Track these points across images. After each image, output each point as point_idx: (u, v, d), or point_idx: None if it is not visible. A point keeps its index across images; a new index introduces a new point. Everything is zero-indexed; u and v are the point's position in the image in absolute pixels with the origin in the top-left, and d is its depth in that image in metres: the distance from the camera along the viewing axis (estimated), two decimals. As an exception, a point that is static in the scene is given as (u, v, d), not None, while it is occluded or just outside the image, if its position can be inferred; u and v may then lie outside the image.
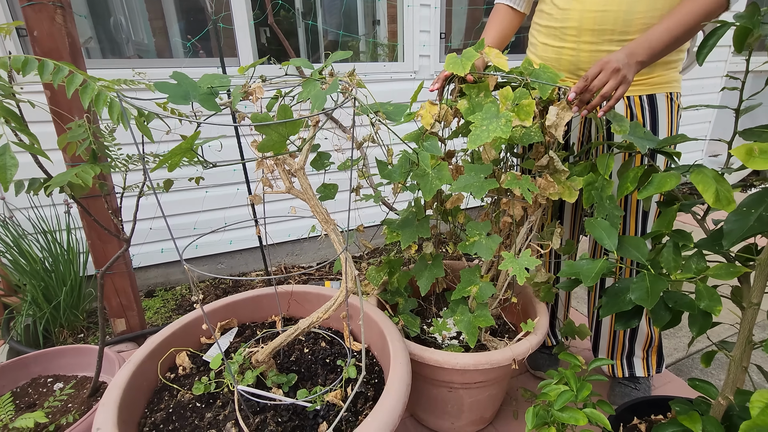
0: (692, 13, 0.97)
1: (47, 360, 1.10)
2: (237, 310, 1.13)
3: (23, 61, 0.59)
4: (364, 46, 2.55)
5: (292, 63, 0.82)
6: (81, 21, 1.90)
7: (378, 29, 2.94)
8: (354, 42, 2.61)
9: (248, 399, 0.87)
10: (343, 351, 1.07)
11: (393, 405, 0.77)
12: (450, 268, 1.41)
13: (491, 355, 1.01)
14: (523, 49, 2.64)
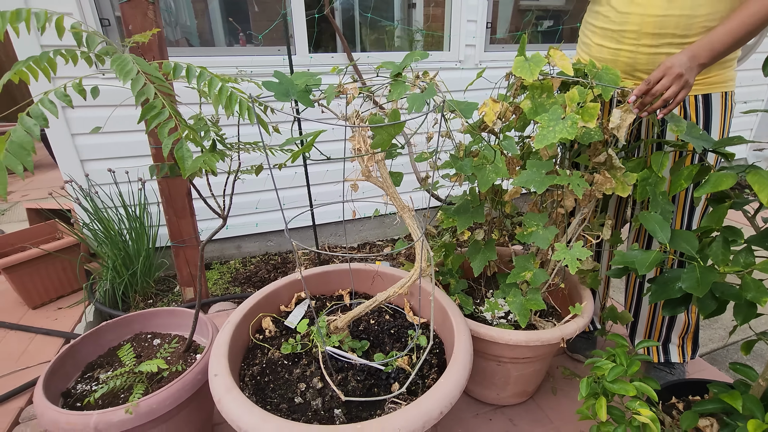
0: (755, 15, 1.00)
1: (146, 319, 1.27)
2: (309, 284, 1.27)
3: (173, 68, 0.71)
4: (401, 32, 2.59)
5: (384, 66, 0.91)
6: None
7: (414, 12, 2.98)
8: (391, 28, 2.66)
9: (331, 359, 1.01)
10: (404, 324, 1.19)
11: (461, 370, 0.89)
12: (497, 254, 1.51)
13: (542, 333, 1.11)
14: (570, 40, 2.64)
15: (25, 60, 0.70)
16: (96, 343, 1.19)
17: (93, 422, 0.90)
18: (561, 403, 1.38)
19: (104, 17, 1.86)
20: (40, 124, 0.63)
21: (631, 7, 1.13)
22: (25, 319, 1.85)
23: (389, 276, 1.28)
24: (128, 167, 2.06)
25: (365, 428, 0.75)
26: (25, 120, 0.63)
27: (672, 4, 1.07)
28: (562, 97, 1.04)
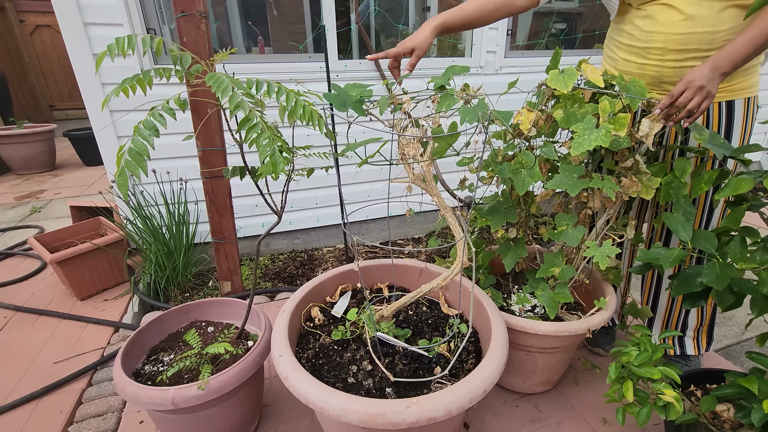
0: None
1: (203, 308, 1.39)
2: (351, 277, 1.37)
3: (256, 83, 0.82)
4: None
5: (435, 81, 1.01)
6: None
7: (428, 16, 3.08)
8: (407, 33, 2.77)
9: (379, 344, 1.11)
10: (439, 314, 1.29)
11: (500, 354, 0.99)
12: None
13: (570, 324, 1.20)
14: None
15: (132, 77, 0.81)
16: (158, 329, 1.31)
17: (170, 396, 1.01)
18: (583, 392, 1.47)
19: (150, 27, 1.98)
20: (153, 134, 0.74)
21: (656, 26, 1.20)
22: (75, 309, 1.98)
23: (425, 271, 1.38)
24: (169, 168, 2.18)
25: (420, 401, 0.85)
26: (141, 131, 0.74)
27: (694, 23, 1.14)
28: (591, 106, 1.13)
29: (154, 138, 0.77)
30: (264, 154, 0.72)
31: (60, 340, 1.77)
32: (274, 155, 0.72)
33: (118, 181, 0.73)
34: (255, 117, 0.74)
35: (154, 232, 2.01)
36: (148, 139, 0.74)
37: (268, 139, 0.72)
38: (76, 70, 1.91)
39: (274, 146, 0.72)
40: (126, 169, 0.73)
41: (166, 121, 0.77)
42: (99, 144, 2.05)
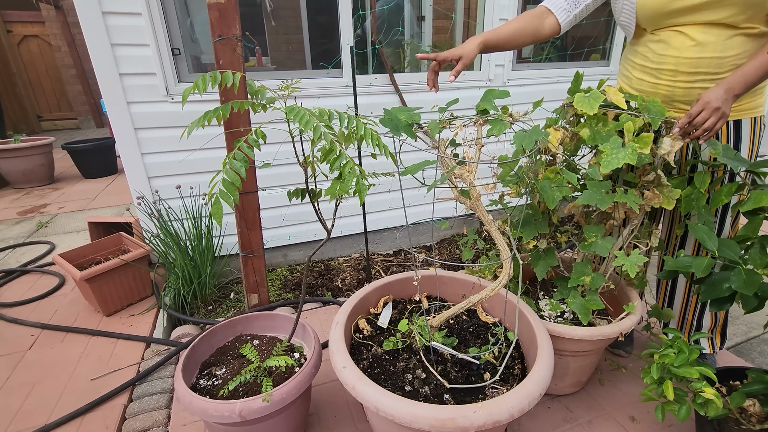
0: None
1: (248, 322, 1.44)
2: (391, 289, 1.44)
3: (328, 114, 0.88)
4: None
5: (480, 107, 1.09)
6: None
7: (423, 24, 3.18)
8: (412, 44, 2.86)
9: (427, 353, 1.17)
10: (479, 322, 1.36)
11: (549, 359, 1.07)
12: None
13: (603, 329, 1.29)
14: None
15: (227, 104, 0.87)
16: (208, 343, 1.36)
17: (238, 409, 1.06)
18: (609, 391, 1.56)
19: (175, 47, 2.03)
20: (243, 165, 0.80)
21: (668, 50, 1.29)
22: (103, 325, 2.00)
23: (460, 281, 1.45)
24: (192, 183, 2.22)
25: (485, 406, 0.92)
26: (233, 163, 0.80)
27: (704, 49, 1.23)
28: (613, 124, 1.22)
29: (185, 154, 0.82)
30: (349, 182, 0.78)
31: (93, 356, 1.79)
32: (360, 183, 0.78)
33: (213, 209, 0.78)
34: (337, 148, 0.81)
35: (181, 247, 2.05)
36: (240, 170, 0.79)
37: (352, 169, 0.79)
38: (102, 89, 1.94)
39: (358, 175, 0.79)
40: (220, 198, 0.78)
41: (253, 152, 0.82)
42: (123, 160, 2.08)
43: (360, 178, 0.79)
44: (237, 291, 2.37)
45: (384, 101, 2.43)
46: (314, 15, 2.36)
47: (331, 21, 2.28)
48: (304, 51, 2.40)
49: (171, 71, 2.03)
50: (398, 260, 2.75)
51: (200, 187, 2.24)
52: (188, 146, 2.15)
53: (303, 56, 2.42)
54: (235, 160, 0.80)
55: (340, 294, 2.36)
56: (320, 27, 2.40)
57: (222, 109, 0.88)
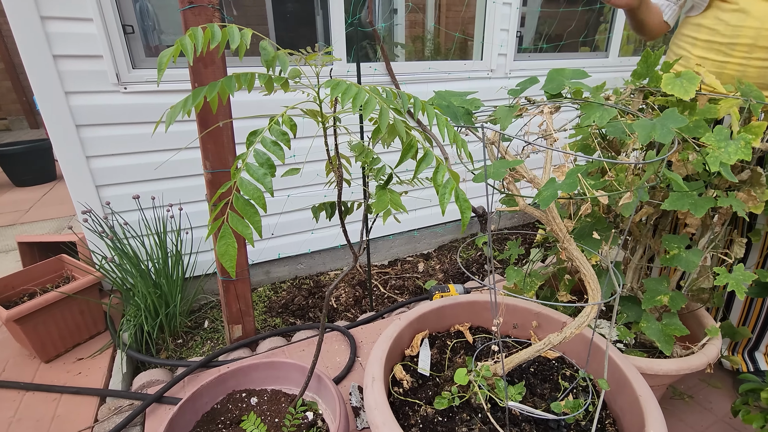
0: None
1: (243, 374, 1.09)
2: (426, 321, 1.15)
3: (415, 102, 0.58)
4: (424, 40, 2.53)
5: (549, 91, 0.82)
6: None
7: (395, 18, 2.92)
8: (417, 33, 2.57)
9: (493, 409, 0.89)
10: (538, 359, 1.10)
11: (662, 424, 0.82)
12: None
13: (690, 360, 1.06)
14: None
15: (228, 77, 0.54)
16: (192, 410, 1.01)
17: None
18: (671, 424, 1.34)
19: (127, 23, 1.63)
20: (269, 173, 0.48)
21: (747, 20, 1.11)
22: (41, 375, 1.57)
23: (512, 307, 1.19)
24: (153, 191, 1.82)
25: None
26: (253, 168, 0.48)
27: None
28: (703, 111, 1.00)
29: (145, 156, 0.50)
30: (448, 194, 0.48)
31: (28, 420, 1.37)
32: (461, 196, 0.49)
33: (221, 248, 0.46)
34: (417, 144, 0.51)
35: (141, 271, 1.65)
36: (264, 180, 0.48)
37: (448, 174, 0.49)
38: (31, 76, 1.51)
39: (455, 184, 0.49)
40: (233, 228, 0.46)
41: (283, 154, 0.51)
42: (62, 165, 1.66)
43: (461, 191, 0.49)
44: (213, 318, 1.99)
45: (379, 93, 2.12)
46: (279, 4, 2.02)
47: (303, 5, 1.96)
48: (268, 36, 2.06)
49: (122, 54, 1.63)
50: (395, 271, 2.46)
51: (164, 197, 1.85)
52: (147, 147, 1.76)
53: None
54: (257, 164, 0.48)
55: (335, 316, 2.04)
56: (288, 13, 2.06)
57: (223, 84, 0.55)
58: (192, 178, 1.87)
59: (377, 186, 0.71)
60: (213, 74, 1.25)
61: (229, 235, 0.46)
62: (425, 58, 2.39)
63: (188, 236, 1.92)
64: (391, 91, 0.61)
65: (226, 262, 0.46)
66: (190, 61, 0.52)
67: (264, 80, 0.57)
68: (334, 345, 1.73)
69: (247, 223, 0.47)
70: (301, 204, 2.13)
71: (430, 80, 2.24)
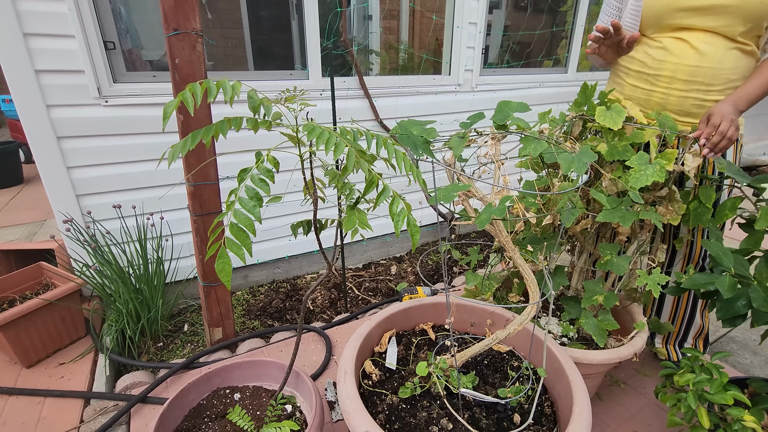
0: None
1: (226, 373, 1.19)
2: (394, 321, 1.28)
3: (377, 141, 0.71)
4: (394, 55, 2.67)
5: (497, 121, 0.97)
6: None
7: (370, 24, 3.05)
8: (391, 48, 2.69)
9: (450, 397, 1.04)
10: (491, 352, 1.25)
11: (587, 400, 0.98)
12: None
13: (620, 351, 1.23)
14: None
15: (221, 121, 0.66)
16: (180, 406, 1.10)
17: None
18: (609, 407, 1.53)
19: (108, 40, 1.69)
20: (257, 204, 0.60)
21: (668, 56, 1.29)
22: (23, 380, 1.62)
23: (469, 308, 1.33)
24: (133, 200, 1.89)
25: (541, 468, 0.80)
26: (244, 201, 0.60)
27: (703, 58, 1.25)
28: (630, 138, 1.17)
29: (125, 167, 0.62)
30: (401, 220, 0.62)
31: (13, 424, 1.43)
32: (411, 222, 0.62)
33: (219, 265, 0.57)
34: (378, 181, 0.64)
35: (123, 277, 1.72)
36: (253, 211, 0.59)
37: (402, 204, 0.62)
38: (12, 89, 1.56)
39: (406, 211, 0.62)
40: (228, 249, 0.58)
41: (269, 188, 0.63)
42: (42, 175, 1.71)
43: (412, 217, 0.62)
44: (192, 322, 2.07)
45: (353, 106, 2.25)
46: (256, 10, 2.08)
47: (281, 16, 2.05)
48: (245, 47, 2.11)
49: (104, 69, 1.69)
50: (369, 274, 2.59)
51: (144, 205, 1.91)
52: (128, 157, 1.82)
53: (244, 53, 2.13)
54: (247, 197, 0.59)
55: (312, 317, 2.15)
56: (264, 23, 2.14)
57: (217, 127, 0.66)
58: (172, 188, 1.94)
59: (347, 206, 0.83)
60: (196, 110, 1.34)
61: (226, 255, 0.57)
62: (398, 70, 2.52)
63: (168, 243, 1.99)
64: (358, 131, 0.74)
65: (224, 278, 0.58)
66: (192, 112, 0.63)
67: (251, 123, 0.68)
68: (311, 345, 1.84)
69: (240, 245, 0.58)
70: (279, 212, 2.23)
71: (401, 94, 2.38)
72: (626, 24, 1.37)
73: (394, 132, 0.94)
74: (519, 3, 2.79)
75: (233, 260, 2.19)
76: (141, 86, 1.77)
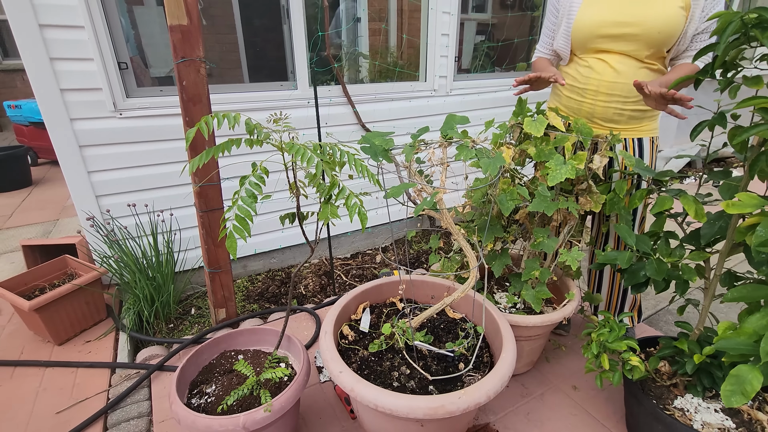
0: (687, 71, 1.46)
1: (232, 339, 1.47)
2: (368, 295, 1.56)
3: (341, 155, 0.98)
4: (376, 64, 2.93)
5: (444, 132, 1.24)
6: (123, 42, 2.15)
7: (359, 27, 3.32)
8: (356, 52, 2.95)
9: (410, 350, 1.32)
10: (447, 319, 1.54)
11: (513, 346, 1.26)
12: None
13: (551, 315, 1.52)
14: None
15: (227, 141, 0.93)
16: (195, 364, 1.38)
17: (242, 422, 1.13)
18: (554, 367, 1.82)
19: (122, 61, 1.95)
20: (253, 201, 0.87)
21: (592, 74, 1.56)
22: (56, 355, 1.89)
23: (429, 284, 1.61)
24: (146, 199, 2.16)
25: (468, 392, 1.09)
26: (244, 198, 0.87)
27: (620, 75, 1.52)
28: (554, 142, 1.45)
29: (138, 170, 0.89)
30: (354, 211, 0.89)
31: (53, 389, 1.70)
32: (362, 212, 0.90)
33: (228, 243, 0.85)
34: (339, 182, 0.91)
35: (140, 266, 1.99)
36: (251, 205, 0.87)
37: (355, 199, 0.90)
38: (41, 106, 1.82)
39: (359, 204, 0.90)
40: (234, 232, 0.85)
41: (261, 188, 0.90)
42: (67, 179, 1.97)
43: (363, 209, 0.90)
44: (198, 306, 2.34)
45: (338, 112, 2.52)
46: (251, 26, 2.33)
47: (273, 28, 2.29)
48: (240, 61, 2.37)
49: (118, 86, 1.95)
50: (356, 263, 2.87)
51: (155, 203, 2.18)
52: (140, 162, 2.09)
53: (240, 69, 2.41)
54: (247, 196, 0.87)
55: (304, 300, 2.43)
56: (255, 21, 2.37)
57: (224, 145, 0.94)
58: (180, 188, 2.21)
59: (322, 201, 1.11)
60: (201, 111, 1.61)
61: (232, 236, 0.84)
62: (379, 77, 2.78)
63: (176, 237, 2.26)
64: (328, 146, 1.01)
65: (231, 252, 0.85)
66: (206, 136, 0.90)
67: (248, 143, 0.95)
68: (303, 323, 2.12)
69: (243, 229, 0.85)
70: (272, 207, 2.50)
71: (380, 100, 2.65)
72: (559, 45, 1.64)
73: (360, 142, 1.22)
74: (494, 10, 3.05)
75: (240, 251, 2.46)
76: (150, 100, 2.03)
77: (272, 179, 2.38)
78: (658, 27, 1.40)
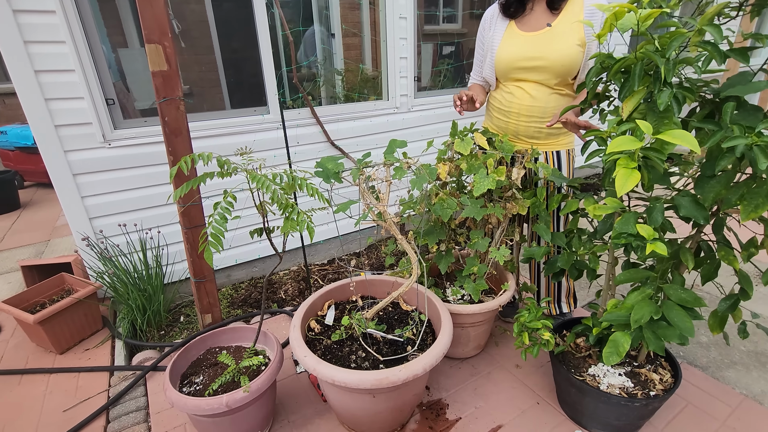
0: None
1: (216, 336, 1.72)
2: (332, 294, 1.82)
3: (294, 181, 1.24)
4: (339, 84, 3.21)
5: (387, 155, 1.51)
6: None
7: (334, 42, 3.60)
8: (331, 72, 3.22)
9: (366, 338, 1.58)
10: (401, 311, 1.80)
11: (449, 331, 1.53)
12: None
13: (488, 304, 1.80)
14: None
15: (204, 174, 1.18)
16: (185, 359, 1.62)
17: (225, 401, 1.37)
18: (501, 350, 2.10)
19: (109, 98, 2.19)
20: (224, 222, 1.13)
21: (513, 99, 1.85)
22: (58, 363, 2.11)
23: (385, 282, 1.88)
24: (135, 219, 2.39)
25: (407, 366, 1.35)
26: (217, 219, 1.13)
27: (535, 100, 1.80)
28: (483, 157, 1.73)
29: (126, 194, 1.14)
30: (303, 225, 1.15)
31: (58, 392, 1.92)
32: (310, 227, 1.16)
33: (206, 254, 1.10)
34: (290, 204, 1.17)
35: (132, 280, 2.22)
36: (223, 225, 1.12)
37: (304, 216, 1.16)
38: (38, 140, 2.05)
39: (307, 220, 1.16)
40: (210, 247, 1.11)
41: (231, 212, 1.16)
42: (63, 204, 2.19)
43: (311, 223, 1.16)
44: (186, 313, 2.57)
45: (308, 132, 2.78)
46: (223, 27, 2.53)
47: (244, 38, 2.55)
48: (221, 88, 2.63)
49: (106, 120, 2.19)
50: (332, 268, 3.12)
51: (144, 222, 2.41)
52: (129, 186, 2.32)
53: (219, 88, 2.66)
54: (219, 218, 1.13)
55: (284, 304, 2.67)
56: (232, 43, 2.62)
57: (201, 177, 1.19)
58: (166, 207, 2.45)
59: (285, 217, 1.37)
60: (182, 142, 1.86)
61: (209, 249, 1.09)
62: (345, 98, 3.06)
63: (164, 252, 2.49)
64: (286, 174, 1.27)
65: (208, 261, 1.09)
66: (186, 173, 1.15)
67: (220, 175, 1.21)
68: (282, 323, 2.37)
69: (216, 243, 1.10)
70: (248, 222, 2.74)
71: (347, 119, 2.92)
72: (486, 74, 1.93)
73: (315, 167, 1.48)
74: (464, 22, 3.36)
75: (215, 261, 2.70)
76: (135, 130, 2.27)
77: (246, 196, 2.63)
78: (560, 61, 1.70)
